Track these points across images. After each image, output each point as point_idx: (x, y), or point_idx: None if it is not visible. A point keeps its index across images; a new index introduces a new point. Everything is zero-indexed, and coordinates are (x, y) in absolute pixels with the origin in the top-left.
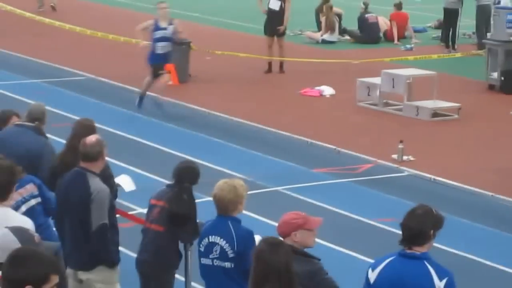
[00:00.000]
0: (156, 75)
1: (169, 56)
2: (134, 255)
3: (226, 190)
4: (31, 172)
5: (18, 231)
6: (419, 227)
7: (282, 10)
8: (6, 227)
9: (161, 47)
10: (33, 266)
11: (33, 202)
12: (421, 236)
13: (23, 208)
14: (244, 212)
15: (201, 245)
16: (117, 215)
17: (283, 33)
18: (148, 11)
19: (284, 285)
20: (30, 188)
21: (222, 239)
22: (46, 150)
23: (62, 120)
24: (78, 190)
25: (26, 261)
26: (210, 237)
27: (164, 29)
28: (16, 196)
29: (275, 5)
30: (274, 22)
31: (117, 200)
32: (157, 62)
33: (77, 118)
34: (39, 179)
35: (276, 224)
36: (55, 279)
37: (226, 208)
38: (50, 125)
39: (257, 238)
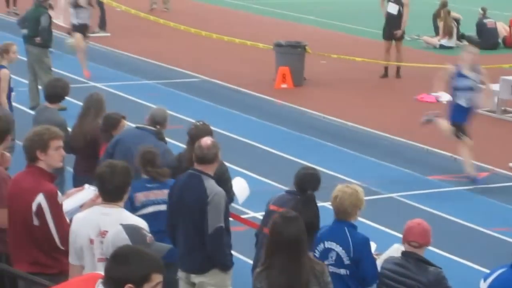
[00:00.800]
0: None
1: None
2: (245, 259)
3: (348, 193)
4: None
5: (130, 230)
6: None
7: (400, 14)
8: (120, 224)
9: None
10: (134, 264)
11: (162, 207)
12: None
13: (150, 209)
14: (359, 218)
15: (316, 251)
16: (230, 219)
17: (401, 38)
18: (262, 13)
19: (292, 254)
20: (166, 193)
21: (338, 245)
22: (166, 157)
23: (174, 121)
24: (194, 193)
25: (128, 259)
26: (326, 242)
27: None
28: (150, 195)
29: (393, 9)
30: (392, 26)
31: None
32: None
33: (189, 120)
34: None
35: (390, 231)
36: (157, 278)
37: (345, 211)
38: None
39: (373, 246)
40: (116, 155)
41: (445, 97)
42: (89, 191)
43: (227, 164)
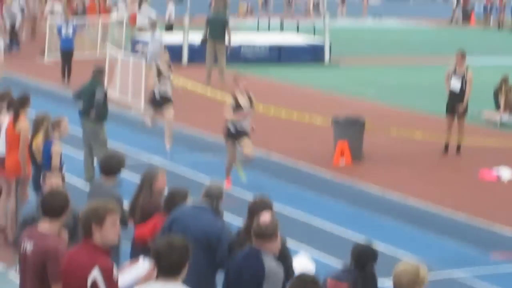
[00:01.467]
0: None
1: None
2: None
3: (408, 271)
4: (209, 256)
5: None
6: None
7: (462, 91)
8: None
9: None
10: None
11: None
12: None
13: None
14: None
15: None
16: None
17: (464, 113)
18: (321, 88)
19: None
20: None
21: None
22: (224, 234)
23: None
24: (251, 269)
25: None
26: None
27: None
28: None
29: (456, 85)
30: (455, 101)
31: None
32: None
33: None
34: (219, 261)
35: None
36: None
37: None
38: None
39: None
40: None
41: (506, 175)
42: (144, 264)
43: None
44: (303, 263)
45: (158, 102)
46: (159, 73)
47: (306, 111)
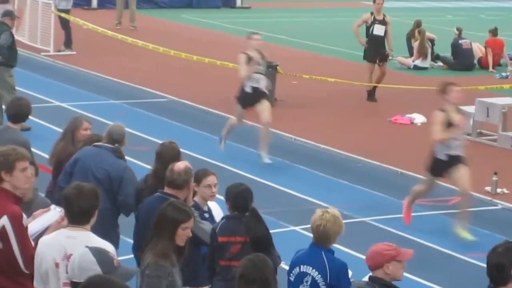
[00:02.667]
0: None
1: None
2: None
3: (331, 222)
4: (111, 196)
5: (97, 252)
6: (498, 265)
7: (385, 34)
8: (86, 246)
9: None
10: None
11: None
12: (501, 275)
13: None
14: None
15: (291, 275)
16: None
17: (387, 58)
18: (232, 32)
19: None
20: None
21: (314, 270)
22: (126, 174)
23: (141, 142)
24: None
25: None
26: (301, 266)
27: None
28: None
29: (380, 30)
30: (379, 47)
31: None
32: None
33: (157, 140)
34: (121, 203)
35: (363, 256)
36: None
37: (328, 239)
38: (128, 147)
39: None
40: (76, 175)
41: (419, 119)
42: (55, 212)
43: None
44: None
45: (251, 98)
46: (249, 60)
47: (217, 55)
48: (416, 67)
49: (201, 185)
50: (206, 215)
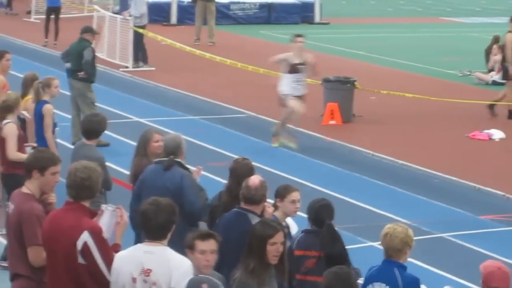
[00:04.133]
0: None
1: None
2: None
3: (398, 231)
4: (180, 210)
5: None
6: None
7: None
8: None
9: None
10: None
11: None
12: None
13: None
14: (408, 258)
15: None
16: None
17: None
18: (310, 47)
19: None
20: None
21: (387, 286)
22: (184, 183)
23: (220, 158)
24: (239, 231)
25: None
26: (375, 284)
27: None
28: None
29: None
30: None
31: None
32: None
33: (235, 156)
34: (189, 212)
35: (441, 272)
36: None
37: (394, 248)
38: (207, 163)
39: None
40: (144, 196)
41: (497, 135)
42: (109, 212)
43: (271, 201)
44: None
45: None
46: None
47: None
48: (494, 83)
49: (285, 200)
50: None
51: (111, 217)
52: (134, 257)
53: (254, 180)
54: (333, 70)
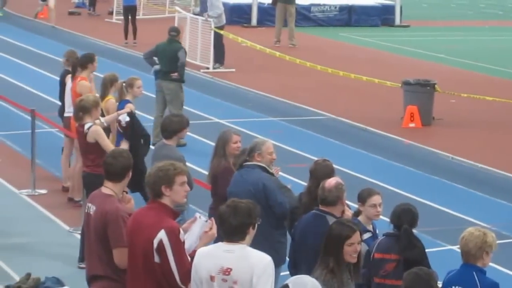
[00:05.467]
0: None
1: None
2: None
3: (474, 235)
4: (267, 210)
5: None
6: None
7: None
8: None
9: None
10: None
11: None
12: None
13: None
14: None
15: None
16: None
17: None
18: (390, 50)
19: None
20: None
21: None
22: (269, 186)
23: (299, 160)
24: (317, 232)
25: None
26: (454, 287)
27: None
28: None
29: None
30: None
31: None
32: None
33: (314, 158)
34: (278, 213)
35: None
36: None
37: (469, 253)
38: (286, 165)
39: None
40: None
41: None
42: (201, 222)
43: (351, 203)
44: None
45: None
46: None
47: (375, 73)
48: None
49: (366, 204)
50: (368, 234)
51: (201, 226)
52: (213, 255)
53: (330, 181)
54: (413, 72)
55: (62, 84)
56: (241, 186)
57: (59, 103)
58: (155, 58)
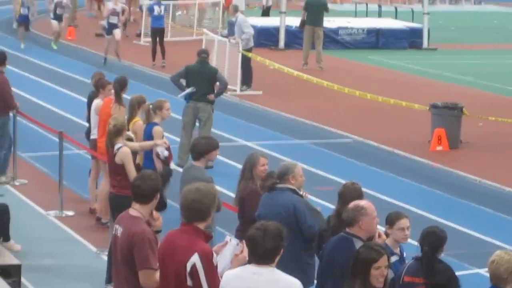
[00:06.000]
0: None
1: None
2: None
3: (505, 259)
4: (295, 233)
5: None
6: None
7: None
8: None
9: None
10: None
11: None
12: None
13: None
14: None
15: None
16: None
17: None
18: (417, 73)
19: None
20: None
21: None
22: (299, 208)
23: (327, 183)
24: (343, 254)
25: None
26: None
27: None
28: None
29: None
30: None
31: None
32: None
33: (342, 181)
34: (308, 236)
35: None
36: None
37: (500, 277)
38: (314, 187)
39: None
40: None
41: None
42: (232, 244)
43: (379, 226)
44: None
45: None
46: None
47: (403, 96)
48: None
49: (394, 227)
50: (395, 257)
51: (233, 249)
52: (242, 278)
53: (355, 202)
54: (441, 96)
55: (89, 106)
56: (271, 208)
57: (87, 124)
58: (182, 80)
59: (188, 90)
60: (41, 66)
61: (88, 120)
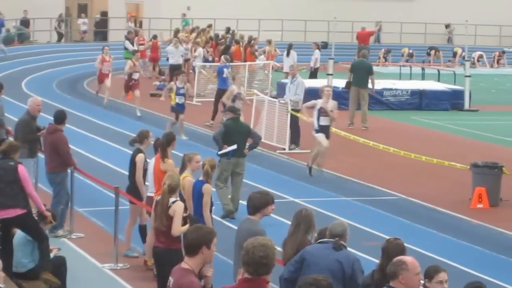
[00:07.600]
0: None
1: None
2: None
3: None
4: (342, 286)
5: None
6: None
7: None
8: None
9: None
10: None
11: None
12: None
13: None
14: None
15: None
16: None
17: None
18: (459, 133)
19: None
20: None
21: None
22: (356, 265)
23: (372, 238)
24: None
25: None
26: None
27: None
28: None
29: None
30: None
31: None
32: None
33: (387, 237)
34: None
35: None
36: None
37: None
38: (362, 243)
39: None
40: (305, 269)
41: None
42: None
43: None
44: None
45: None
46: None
47: (445, 156)
48: None
49: (432, 281)
50: None
51: None
52: None
53: (399, 257)
54: (482, 155)
55: (133, 163)
56: (326, 258)
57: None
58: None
59: (231, 148)
60: (97, 124)
61: (129, 177)
